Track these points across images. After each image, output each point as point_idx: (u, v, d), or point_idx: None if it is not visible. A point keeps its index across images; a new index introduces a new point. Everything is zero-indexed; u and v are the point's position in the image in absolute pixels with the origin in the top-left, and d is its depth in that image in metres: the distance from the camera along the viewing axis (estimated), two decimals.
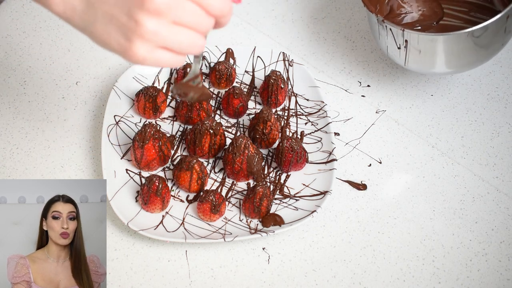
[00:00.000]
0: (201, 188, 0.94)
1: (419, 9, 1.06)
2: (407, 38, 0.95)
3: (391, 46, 0.99)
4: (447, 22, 1.05)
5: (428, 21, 1.05)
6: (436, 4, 1.06)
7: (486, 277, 0.87)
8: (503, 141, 1.02)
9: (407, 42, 0.95)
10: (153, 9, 0.62)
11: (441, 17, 1.05)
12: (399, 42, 0.96)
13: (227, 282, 0.87)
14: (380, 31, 0.99)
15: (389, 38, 0.98)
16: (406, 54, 0.97)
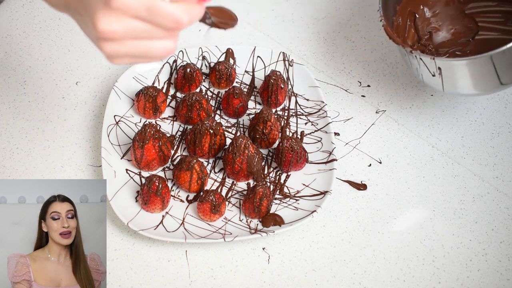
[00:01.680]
0: (201, 188, 0.94)
1: (450, 27, 1.02)
2: (440, 66, 0.90)
3: (425, 74, 0.94)
4: (483, 37, 1.00)
5: (463, 38, 1.01)
6: (469, 19, 1.02)
7: (486, 277, 0.87)
8: (503, 141, 1.02)
9: (440, 69, 0.90)
10: (105, 38, 0.65)
11: (477, 32, 1.01)
12: (432, 70, 0.91)
13: (227, 282, 0.87)
14: (411, 61, 0.94)
15: (421, 67, 0.93)
16: (442, 81, 0.92)
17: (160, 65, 1.08)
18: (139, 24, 0.65)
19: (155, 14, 0.64)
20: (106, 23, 0.64)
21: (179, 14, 0.65)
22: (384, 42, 1.15)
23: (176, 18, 0.65)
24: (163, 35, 0.67)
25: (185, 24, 0.66)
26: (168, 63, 1.09)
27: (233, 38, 1.17)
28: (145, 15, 0.64)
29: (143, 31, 0.65)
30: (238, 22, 0.86)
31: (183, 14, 0.66)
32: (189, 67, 1.05)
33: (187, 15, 0.66)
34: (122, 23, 0.64)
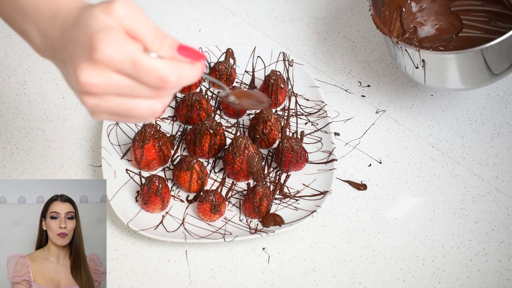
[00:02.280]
0: (201, 188, 0.94)
1: (435, 23, 1.04)
2: (424, 58, 0.92)
3: (408, 66, 0.96)
4: (467, 34, 1.02)
5: (446, 34, 1.03)
6: (454, 16, 1.04)
7: (486, 277, 0.87)
8: (503, 141, 1.02)
9: (424, 62, 0.93)
10: (86, 91, 0.61)
11: (460, 29, 1.03)
12: (416, 62, 0.94)
13: (227, 282, 0.87)
14: (396, 52, 0.96)
15: (405, 58, 0.95)
16: (425, 73, 0.94)
17: None
18: (123, 79, 0.61)
19: (139, 69, 0.60)
20: (88, 75, 0.60)
21: (165, 71, 0.61)
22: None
23: (161, 76, 0.60)
24: (148, 93, 0.62)
25: (172, 83, 0.61)
26: None
27: (233, 38, 1.17)
28: (129, 70, 0.60)
29: (126, 87, 0.61)
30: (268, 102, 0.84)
31: (170, 72, 0.61)
32: None
33: (174, 74, 0.61)
34: (105, 77, 0.60)
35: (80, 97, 0.63)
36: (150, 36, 0.61)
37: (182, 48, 0.62)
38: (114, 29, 0.60)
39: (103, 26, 0.60)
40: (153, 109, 0.63)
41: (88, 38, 0.60)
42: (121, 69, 0.60)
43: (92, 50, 0.59)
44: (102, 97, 0.62)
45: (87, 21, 0.61)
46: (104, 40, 0.59)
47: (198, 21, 1.20)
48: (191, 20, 1.20)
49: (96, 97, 0.62)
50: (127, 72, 0.60)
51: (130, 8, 0.62)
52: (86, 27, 0.61)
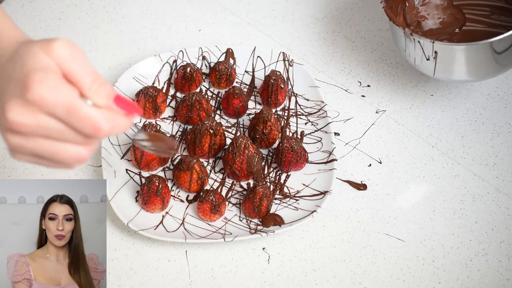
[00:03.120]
0: (201, 188, 0.94)
1: (439, 17, 1.05)
2: (436, 49, 0.94)
3: (418, 57, 0.97)
4: (470, 28, 1.03)
5: (450, 28, 1.04)
6: (456, 10, 1.05)
7: (486, 277, 0.87)
8: (503, 141, 1.02)
9: (436, 54, 0.94)
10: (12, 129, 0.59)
11: (464, 23, 1.04)
12: (428, 53, 0.95)
13: (227, 282, 0.87)
14: (407, 44, 0.98)
15: (417, 50, 0.96)
16: (435, 65, 0.96)
17: (160, 65, 1.08)
18: (54, 123, 0.59)
19: (73, 115, 0.58)
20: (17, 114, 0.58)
21: (99, 120, 0.59)
22: (384, 42, 1.15)
23: (95, 124, 0.59)
24: (78, 140, 0.60)
25: (104, 132, 0.60)
26: (168, 63, 1.09)
27: (233, 38, 1.17)
28: (62, 114, 0.58)
29: (56, 130, 0.59)
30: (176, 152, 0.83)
31: (103, 122, 0.59)
32: (189, 67, 1.05)
33: (108, 124, 0.60)
34: (35, 118, 0.58)
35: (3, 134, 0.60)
36: (88, 81, 0.60)
37: (118, 99, 0.62)
38: (51, 70, 0.58)
39: (40, 65, 0.58)
40: (79, 156, 0.61)
41: (23, 76, 0.58)
42: (53, 112, 0.58)
43: (25, 89, 0.57)
44: (28, 137, 0.60)
45: (24, 58, 0.59)
46: (39, 81, 0.57)
47: (198, 21, 1.20)
48: (191, 20, 1.20)
49: (21, 136, 0.60)
50: (59, 116, 0.59)
51: (70, 49, 0.60)
52: (22, 64, 0.59)
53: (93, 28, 1.18)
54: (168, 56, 1.09)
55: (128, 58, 1.13)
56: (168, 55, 1.09)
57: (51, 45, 0.59)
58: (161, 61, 1.09)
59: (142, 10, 1.22)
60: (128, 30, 1.18)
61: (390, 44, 1.15)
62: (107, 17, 1.20)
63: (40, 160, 0.62)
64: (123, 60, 1.12)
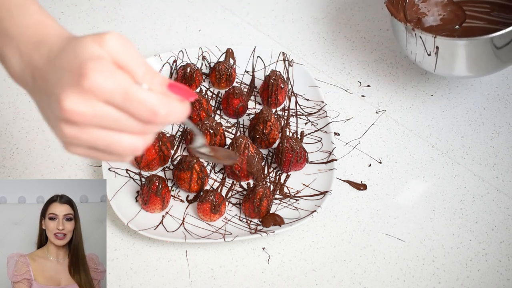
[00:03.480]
0: (201, 188, 0.94)
1: (439, 13, 1.05)
2: (438, 45, 0.95)
3: (420, 53, 0.98)
4: (470, 24, 1.04)
5: (450, 24, 1.04)
6: (456, 7, 1.06)
7: (486, 277, 0.87)
8: (503, 141, 1.02)
9: (438, 49, 0.95)
10: (68, 119, 0.58)
11: (464, 20, 1.04)
12: (430, 49, 0.96)
13: (227, 282, 0.87)
14: (409, 39, 0.98)
15: (418, 45, 0.97)
16: (436, 61, 0.97)
17: (160, 65, 1.08)
18: (110, 110, 0.58)
19: (131, 99, 0.58)
20: (74, 102, 0.57)
21: (157, 103, 0.59)
22: (384, 42, 1.15)
23: (152, 108, 0.58)
24: (134, 127, 0.60)
25: (161, 116, 0.59)
26: (168, 63, 1.09)
27: (233, 38, 1.17)
28: (119, 100, 0.58)
29: (112, 119, 0.59)
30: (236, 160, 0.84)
31: (161, 106, 0.59)
32: (189, 67, 1.05)
33: (165, 108, 0.59)
34: (92, 107, 0.58)
35: (58, 126, 0.60)
36: (141, 71, 0.60)
37: (172, 86, 0.61)
38: (105, 59, 0.58)
39: (93, 55, 0.58)
40: (134, 146, 0.61)
41: (77, 65, 0.58)
42: (110, 99, 0.58)
43: (81, 77, 0.57)
44: (83, 128, 0.59)
45: (77, 49, 0.59)
46: (95, 68, 0.57)
47: (198, 21, 1.20)
48: (191, 20, 1.20)
49: (77, 127, 0.59)
50: (117, 102, 0.58)
51: (122, 41, 0.60)
52: (75, 54, 0.59)
53: (93, 28, 1.18)
54: (168, 56, 1.09)
55: None
56: (168, 55, 1.09)
57: (103, 37, 0.59)
58: (161, 61, 1.09)
59: (142, 10, 1.22)
60: (128, 30, 1.18)
61: (390, 44, 1.15)
62: (107, 17, 1.20)
63: (95, 152, 0.61)
64: None
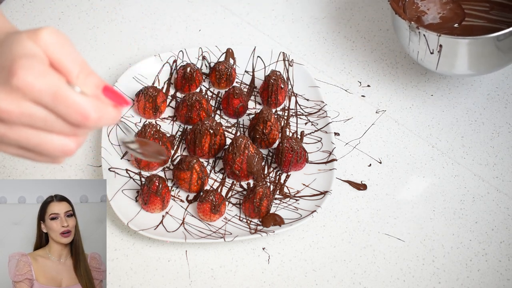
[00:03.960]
0: (201, 188, 0.94)
1: (439, 12, 1.05)
2: (442, 43, 0.95)
3: (422, 51, 0.98)
4: (469, 23, 1.04)
5: (449, 23, 1.04)
6: (456, 5, 1.06)
7: (486, 277, 0.87)
8: (503, 141, 1.02)
9: (441, 47, 0.95)
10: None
11: (463, 18, 1.05)
12: (433, 47, 0.96)
13: (227, 282, 0.87)
14: (412, 37, 0.98)
15: (421, 43, 0.97)
16: (439, 59, 0.97)
17: (160, 65, 1.08)
18: (39, 110, 0.57)
19: (60, 102, 0.57)
20: (1, 101, 0.56)
21: (86, 107, 0.57)
22: (384, 42, 1.15)
23: (82, 111, 0.57)
24: (64, 129, 0.58)
25: (91, 121, 0.58)
26: (168, 63, 1.09)
27: (233, 38, 1.17)
28: (48, 101, 0.56)
29: (41, 119, 0.57)
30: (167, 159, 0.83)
31: (91, 109, 0.58)
32: (189, 67, 1.05)
33: (96, 112, 0.58)
34: (20, 105, 0.56)
35: None
36: (75, 70, 0.59)
37: (107, 90, 0.60)
38: (37, 57, 0.57)
39: (26, 52, 0.57)
40: (65, 148, 0.60)
41: (8, 62, 0.57)
42: (39, 99, 0.57)
43: (10, 75, 0.56)
44: (12, 126, 0.58)
45: (11, 45, 0.58)
46: (24, 67, 0.56)
47: (198, 21, 1.20)
48: (191, 20, 1.20)
49: (5, 125, 0.58)
50: (46, 103, 0.57)
51: (58, 37, 0.59)
52: (8, 51, 0.58)
53: (93, 28, 1.18)
54: (168, 56, 1.09)
55: (128, 58, 1.13)
56: (168, 55, 1.09)
57: (38, 33, 0.58)
58: (161, 61, 1.09)
59: (142, 10, 1.22)
60: (128, 30, 1.18)
61: (390, 44, 1.15)
62: (107, 17, 1.20)
63: (25, 152, 0.60)
64: (123, 60, 1.12)
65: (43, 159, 0.61)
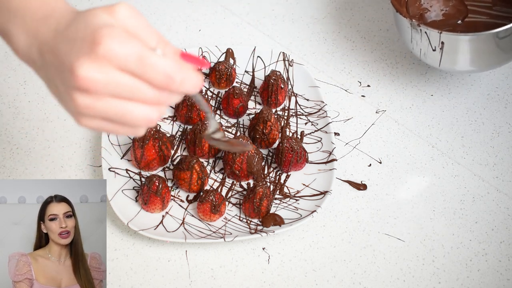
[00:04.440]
0: (201, 188, 0.94)
1: (441, 9, 1.06)
2: (443, 40, 0.95)
3: (424, 48, 0.99)
4: (472, 19, 1.04)
5: (452, 19, 1.05)
6: (458, 2, 1.06)
7: (486, 277, 0.87)
8: (503, 141, 1.02)
9: (443, 44, 0.95)
10: (82, 87, 0.57)
11: (466, 15, 1.05)
12: (435, 44, 0.96)
13: (227, 282, 0.87)
14: (413, 35, 0.99)
15: (423, 41, 0.98)
16: (441, 56, 0.97)
17: None
18: (125, 77, 0.58)
19: (145, 65, 0.58)
20: (88, 69, 0.56)
21: (172, 69, 0.58)
22: (384, 42, 1.15)
23: (168, 73, 0.58)
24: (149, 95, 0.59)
25: (176, 82, 0.59)
26: None
27: (233, 38, 1.17)
28: (134, 65, 0.57)
29: (127, 86, 0.58)
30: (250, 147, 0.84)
31: (175, 70, 0.59)
32: None
33: (179, 73, 0.59)
34: (106, 74, 0.57)
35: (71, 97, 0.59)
36: (153, 40, 0.60)
37: (185, 55, 0.61)
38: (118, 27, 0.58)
39: (106, 23, 0.58)
40: (148, 117, 0.60)
41: (89, 33, 0.57)
42: (125, 65, 0.57)
43: (95, 44, 0.57)
44: (97, 96, 0.58)
45: (88, 19, 0.59)
46: (109, 35, 0.57)
47: (198, 21, 1.20)
48: (191, 20, 1.20)
49: (90, 96, 0.58)
50: (132, 68, 0.58)
51: (133, 11, 0.60)
52: (87, 23, 0.59)
53: None
54: None
55: None
56: None
57: (114, 7, 0.59)
58: None
59: (142, 10, 1.22)
60: None
61: (390, 44, 1.15)
62: None
63: (108, 124, 0.61)
64: None
65: (125, 130, 0.62)
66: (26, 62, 0.65)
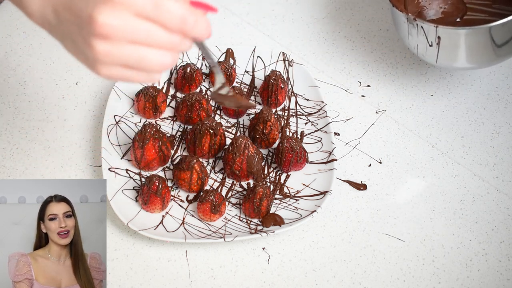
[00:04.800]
0: (201, 188, 0.94)
1: (440, 6, 1.06)
2: (440, 35, 0.95)
3: (421, 44, 0.98)
4: (471, 17, 1.04)
5: (451, 17, 1.04)
6: (457, 0, 1.06)
7: (486, 277, 0.87)
8: (503, 141, 1.02)
9: (439, 39, 0.95)
10: (102, 33, 0.61)
11: (465, 12, 1.05)
12: (431, 39, 0.96)
13: (227, 282, 0.87)
14: (410, 30, 0.98)
15: (420, 36, 0.97)
16: (438, 51, 0.97)
17: None
18: (141, 24, 0.62)
19: (160, 8, 0.61)
20: (107, 16, 0.60)
21: (184, 10, 0.63)
22: (384, 42, 1.15)
23: (182, 15, 0.62)
24: (164, 39, 0.63)
25: (190, 24, 0.63)
26: None
27: (233, 38, 1.17)
28: (150, 10, 0.61)
29: (144, 31, 0.62)
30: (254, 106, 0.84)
31: (188, 13, 0.63)
32: (189, 67, 1.05)
33: (192, 16, 0.63)
34: (124, 19, 0.61)
35: (91, 45, 0.62)
36: None
37: (194, 3, 0.66)
38: None
39: None
40: (163, 61, 0.64)
41: None
42: (141, 11, 0.61)
43: None
44: (116, 42, 0.62)
45: None
46: None
47: None
48: None
49: (110, 42, 0.61)
50: (147, 13, 0.61)
51: None
52: None
53: None
54: None
55: None
56: None
57: None
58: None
59: None
60: None
61: (390, 44, 1.15)
62: None
63: (127, 71, 0.64)
64: None
65: (142, 76, 0.65)
66: (41, 24, 0.67)
